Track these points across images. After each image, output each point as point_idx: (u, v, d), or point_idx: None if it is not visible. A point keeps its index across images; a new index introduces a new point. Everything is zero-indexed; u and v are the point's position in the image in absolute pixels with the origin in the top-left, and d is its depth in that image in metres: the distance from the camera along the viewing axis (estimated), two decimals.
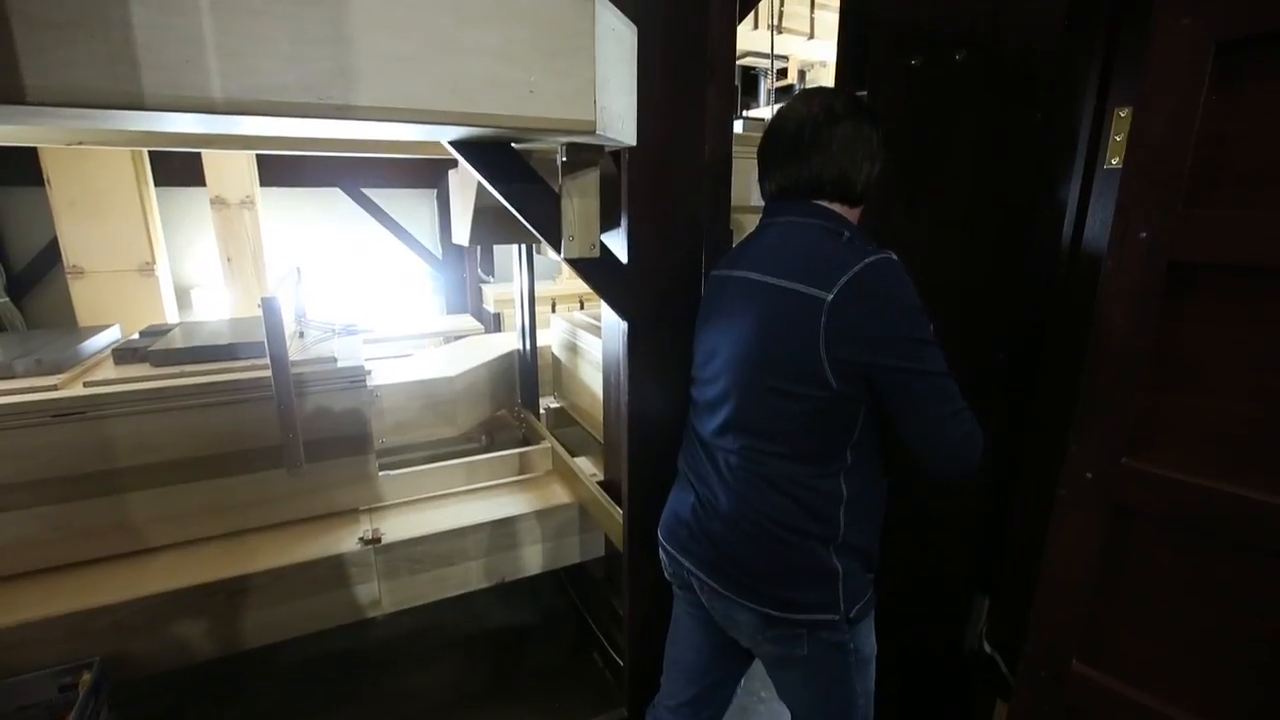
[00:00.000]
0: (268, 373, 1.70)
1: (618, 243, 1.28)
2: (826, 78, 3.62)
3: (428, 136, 1.03)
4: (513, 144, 1.12)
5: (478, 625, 2.45)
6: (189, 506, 1.80)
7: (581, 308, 3.52)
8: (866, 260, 0.95)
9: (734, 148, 2.07)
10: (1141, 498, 0.81)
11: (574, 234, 1.14)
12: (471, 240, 1.61)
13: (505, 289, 3.44)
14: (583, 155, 1.11)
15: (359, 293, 3.91)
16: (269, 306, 1.63)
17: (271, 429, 1.78)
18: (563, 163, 1.11)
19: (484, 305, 3.84)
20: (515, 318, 2.73)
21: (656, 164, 1.23)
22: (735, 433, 1.07)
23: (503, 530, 2.05)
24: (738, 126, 3.52)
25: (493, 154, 1.09)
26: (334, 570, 1.81)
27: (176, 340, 2.00)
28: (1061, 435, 0.91)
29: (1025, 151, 1.05)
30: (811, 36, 3.21)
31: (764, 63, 3.46)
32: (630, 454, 1.36)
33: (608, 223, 1.31)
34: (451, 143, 1.06)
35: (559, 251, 1.16)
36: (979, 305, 1.16)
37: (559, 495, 2.18)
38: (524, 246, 2.49)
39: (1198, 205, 0.72)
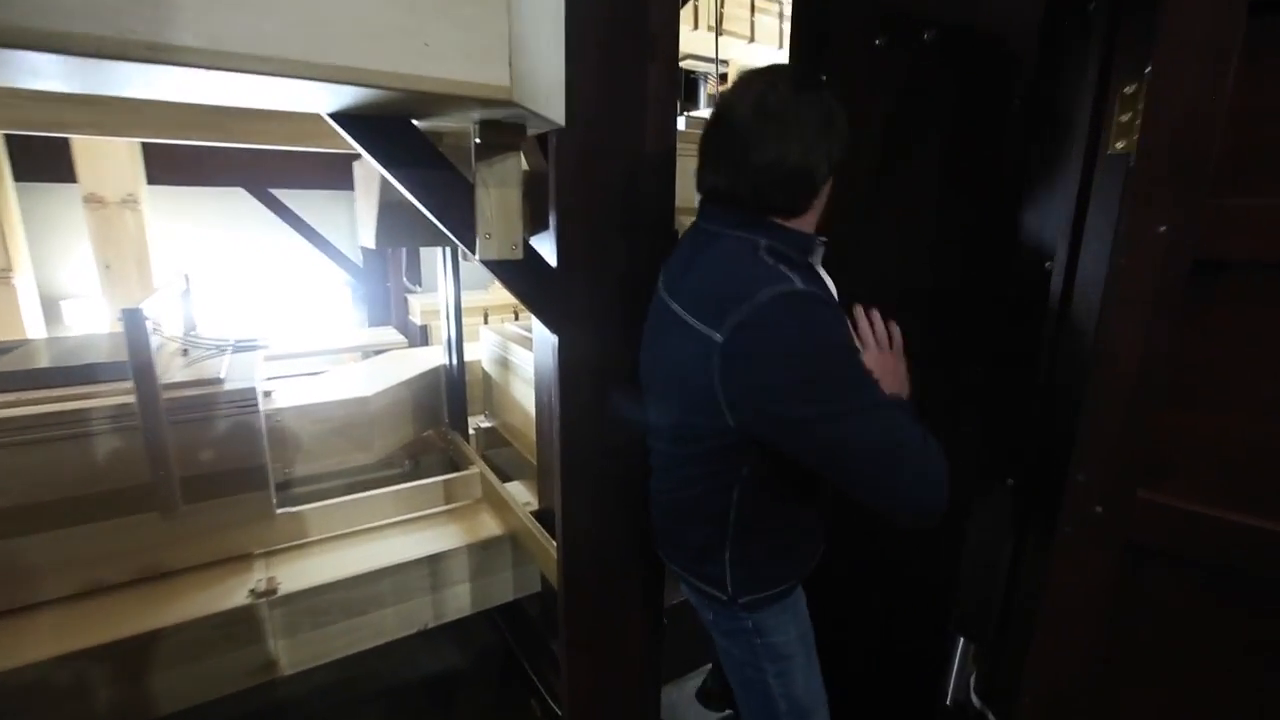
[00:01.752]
0: (133, 398, 1.42)
1: (546, 244, 1.10)
2: None
3: (295, 103, 0.82)
4: (413, 120, 0.92)
5: (401, 675, 2.19)
6: (31, 563, 1.48)
7: (516, 319, 3.31)
8: (763, 293, 0.82)
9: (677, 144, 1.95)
10: (1160, 535, 0.70)
11: (491, 231, 0.95)
12: (378, 241, 1.39)
13: (434, 299, 3.19)
14: (501, 136, 0.93)
15: (268, 305, 3.55)
16: (130, 320, 1.36)
17: (139, 465, 1.49)
18: (476, 145, 0.92)
19: (410, 317, 3.56)
20: (441, 330, 2.50)
21: (590, 151, 1.06)
22: (653, 439, 1.10)
23: (425, 570, 1.82)
24: (680, 123, 3.42)
25: (389, 132, 0.89)
26: (218, 630, 1.53)
27: (21, 360, 1.67)
28: (1058, 464, 0.80)
29: (1005, 139, 0.94)
30: (752, 40, 3.14)
31: (705, 66, 3.36)
32: (564, 484, 1.18)
33: (534, 220, 1.12)
34: (334, 115, 0.86)
35: (474, 252, 0.97)
36: (952, 313, 1.05)
37: (489, 526, 1.97)
38: (448, 251, 2.26)
39: (1229, 193, 0.62)
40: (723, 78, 3.66)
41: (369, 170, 1.37)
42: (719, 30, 2.97)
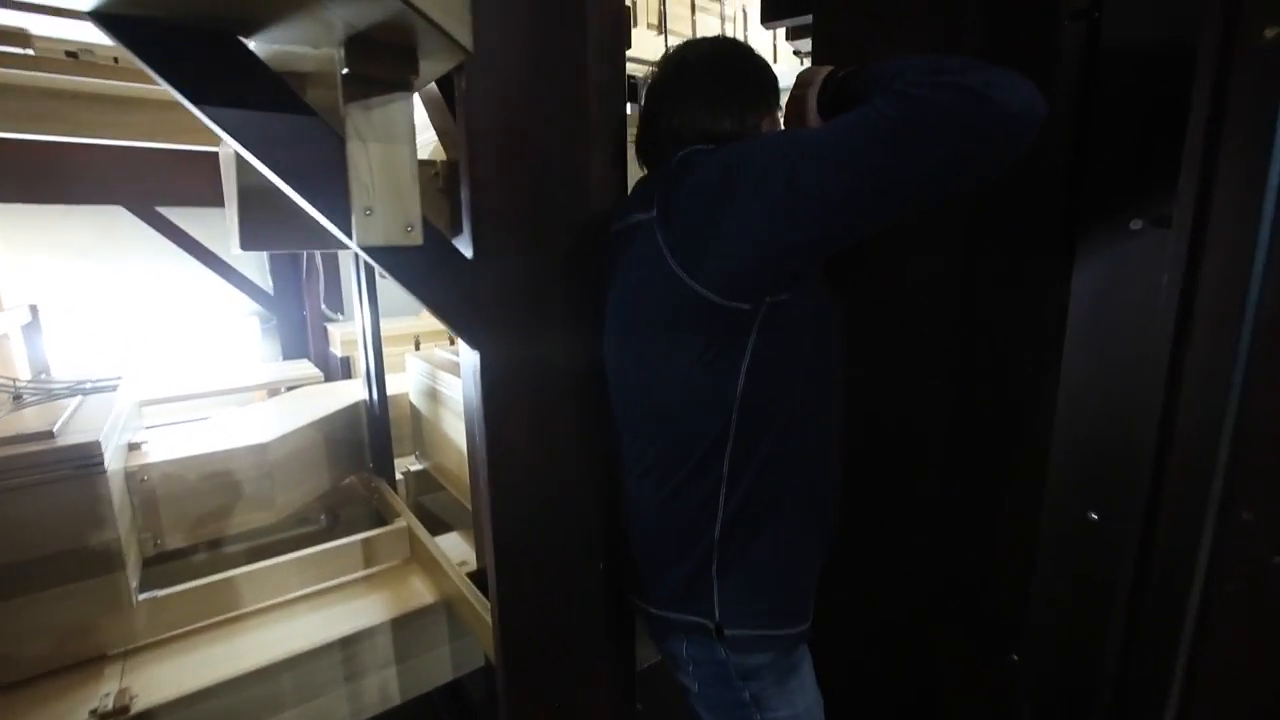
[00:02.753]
0: None
1: (462, 236, 0.82)
2: None
3: None
4: (244, 40, 0.63)
5: None
6: None
7: (452, 344, 2.97)
8: (676, 159, 0.82)
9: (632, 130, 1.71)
10: None
11: (373, 206, 0.67)
12: (244, 240, 1.08)
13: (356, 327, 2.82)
14: (381, 66, 0.65)
15: (158, 341, 3.10)
16: None
17: None
18: (345, 78, 0.64)
19: (330, 349, 3.17)
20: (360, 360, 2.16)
21: (513, 97, 0.79)
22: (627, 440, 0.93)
23: (338, 655, 1.47)
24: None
25: (204, 55, 0.60)
26: None
27: None
28: (1190, 489, 0.57)
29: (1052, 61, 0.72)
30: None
31: (642, 69, 3.15)
32: (496, 543, 0.88)
33: (441, 198, 0.85)
34: (101, 15, 0.56)
35: (349, 234, 0.68)
36: (990, 291, 0.82)
37: (419, 593, 1.63)
38: (361, 266, 1.93)
39: None
40: None
41: (229, 149, 1.06)
42: (659, 29, 2.79)
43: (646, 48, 2.80)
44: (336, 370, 3.03)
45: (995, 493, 0.82)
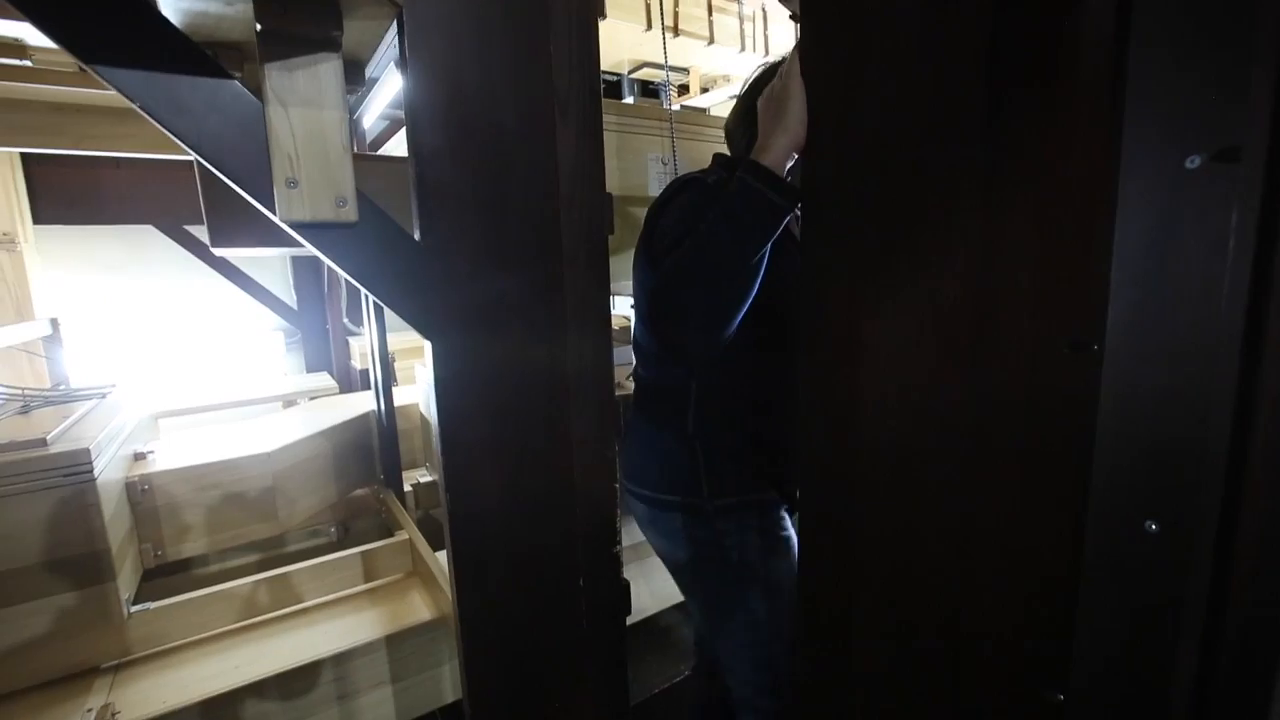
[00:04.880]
0: None
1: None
2: (731, 90, 3.31)
3: None
4: None
5: None
6: None
7: None
8: None
9: (616, 118, 1.63)
10: None
11: (298, 176, 0.61)
12: (214, 238, 1.04)
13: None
14: (297, 19, 0.59)
15: (185, 355, 3.16)
16: None
17: None
18: (260, 33, 0.59)
19: (350, 362, 3.18)
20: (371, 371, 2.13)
21: (464, 62, 0.72)
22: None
23: (331, 673, 1.41)
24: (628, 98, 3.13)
25: (97, 9, 0.55)
26: None
27: None
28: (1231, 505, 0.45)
29: None
30: (711, 41, 2.90)
31: (663, 74, 3.11)
32: (456, 570, 0.80)
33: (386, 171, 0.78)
34: None
35: (270, 207, 0.62)
36: (1010, 257, 0.70)
37: (418, 609, 1.57)
38: None
39: None
40: (683, 89, 3.43)
41: None
42: (674, 30, 2.73)
43: (661, 51, 2.75)
44: (356, 383, 3.04)
45: (1027, 500, 0.70)
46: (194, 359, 3.16)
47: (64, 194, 2.57)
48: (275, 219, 0.63)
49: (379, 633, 1.47)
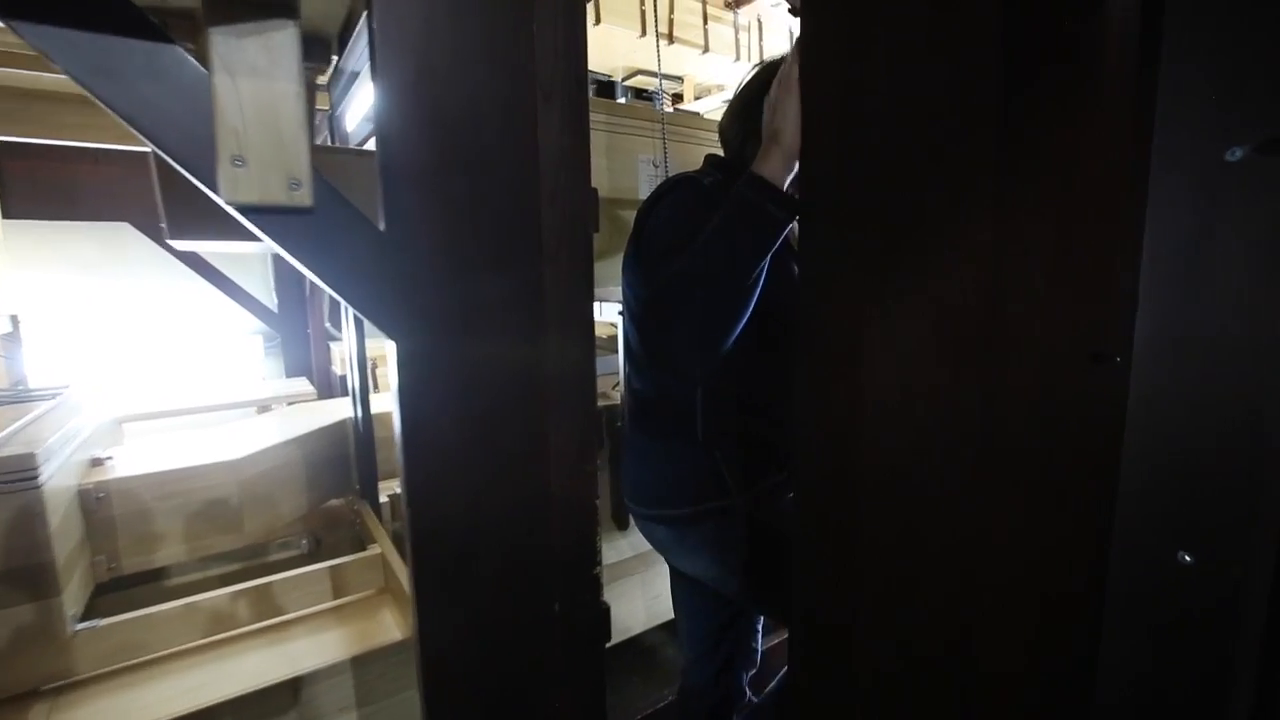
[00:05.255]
0: None
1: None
2: (725, 97, 3.28)
3: None
4: None
5: None
6: None
7: None
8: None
9: (606, 117, 1.59)
10: None
11: (245, 154, 0.55)
12: (170, 228, 0.97)
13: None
14: None
15: (159, 357, 3.06)
16: None
17: None
18: None
19: (332, 367, 3.10)
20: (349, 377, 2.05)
21: (435, 34, 0.66)
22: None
23: (289, 697, 1.32)
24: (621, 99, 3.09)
25: None
26: None
27: None
28: None
29: None
30: (706, 50, 2.87)
31: (657, 81, 3.07)
32: (418, 595, 0.73)
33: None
34: None
35: (213, 187, 0.55)
36: (1024, 258, 0.65)
37: (388, 628, 1.48)
38: None
39: None
40: (677, 98, 3.40)
41: None
42: (668, 37, 2.70)
43: (654, 59, 2.71)
44: (337, 389, 2.95)
45: (1040, 517, 0.64)
46: (169, 362, 3.06)
47: (37, 188, 2.48)
48: (219, 201, 0.56)
49: (346, 653, 1.39)
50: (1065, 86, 0.59)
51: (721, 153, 1.17)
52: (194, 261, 2.97)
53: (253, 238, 0.85)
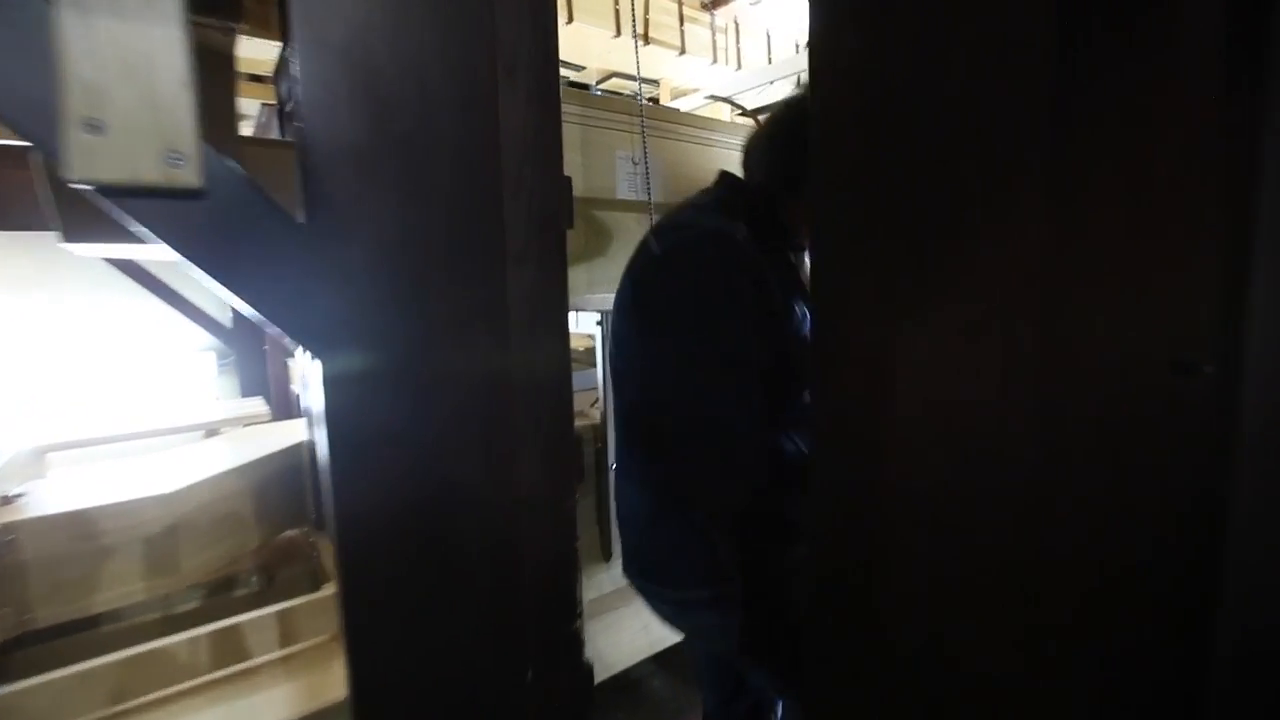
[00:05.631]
0: None
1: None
2: (702, 102, 3.19)
3: None
4: None
5: None
6: None
7: None
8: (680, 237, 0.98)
9: (580, 108, 1.46)
10: None
11: (102, 117, 0.41)
12: (68, 230, 0.82)
13: None
14: None
15: (97, 379, 2.84)
16: None
17: None
18: None
19: (291, 385, 2.90)
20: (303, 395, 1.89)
21: None
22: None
23: None
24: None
25: None
26: None
27: None
28: None
29: None
30: (683, 52, 2.79)
31: (633, 85, 2.98)
32: (352, 658, 0.60)
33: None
34: None
35: (57, 157, 0.41)
36: (1090, 249, 0.54)
37: (341, 682, 1.32)
38: None
39: None
40: (653, 100, 3.31)
41: None
42: (644, 38, 2.61)
43: (630, 60, 2.62)
44: (295, 409, 2.76)
45: (1115, 591, 0.52)
46: (109, 383, 2.84)
47: None
48: (66, 178, 0.42)
49: (291, 713, 1.23)
50: (1141, 50, 0.49)
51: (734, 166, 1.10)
52: (139, 274, 2.76)
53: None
